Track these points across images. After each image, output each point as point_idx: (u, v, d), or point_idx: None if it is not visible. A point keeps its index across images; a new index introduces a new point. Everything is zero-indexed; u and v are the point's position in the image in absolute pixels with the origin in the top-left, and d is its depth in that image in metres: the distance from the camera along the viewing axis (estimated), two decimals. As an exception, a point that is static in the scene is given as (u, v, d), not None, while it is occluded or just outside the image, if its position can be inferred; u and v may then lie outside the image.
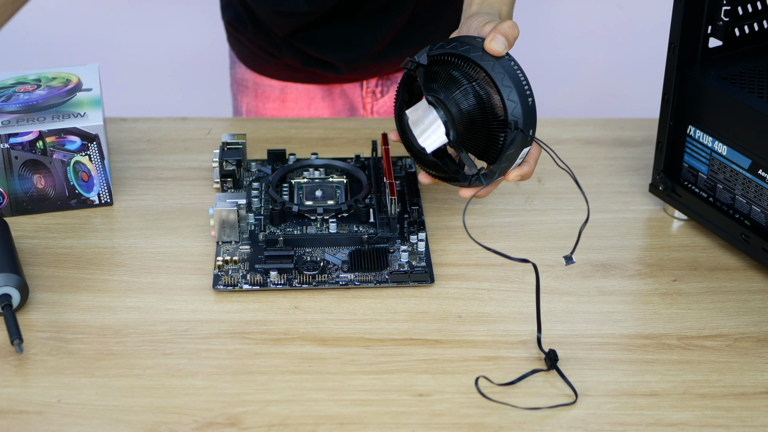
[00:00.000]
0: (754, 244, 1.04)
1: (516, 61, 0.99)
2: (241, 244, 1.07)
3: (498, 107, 0.98)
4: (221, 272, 1.03)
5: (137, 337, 0.96)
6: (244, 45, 1.41)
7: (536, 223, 1.13)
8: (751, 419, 0.89)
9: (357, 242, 1.07)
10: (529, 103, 0.98)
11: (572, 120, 1.32)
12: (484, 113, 0.98)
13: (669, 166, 1.12)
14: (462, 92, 0.98)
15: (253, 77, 1.43)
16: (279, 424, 0.87)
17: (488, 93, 0.98)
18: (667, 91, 1.10)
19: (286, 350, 0.95)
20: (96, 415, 0.88)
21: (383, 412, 0.89)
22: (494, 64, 0.98)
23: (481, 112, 0.98)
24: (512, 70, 0.98)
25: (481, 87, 0.98)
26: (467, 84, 0.98)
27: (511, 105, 0.97)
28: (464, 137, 1.00)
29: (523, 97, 0.97)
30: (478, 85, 0.98)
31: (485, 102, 0.98)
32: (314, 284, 1.02)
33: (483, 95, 0.98)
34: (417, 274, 1.03)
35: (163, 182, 1.19)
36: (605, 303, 1.02)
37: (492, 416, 0.89)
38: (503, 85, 0.97)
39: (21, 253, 1.06)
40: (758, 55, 1.10)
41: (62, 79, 1.18)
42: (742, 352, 0.96)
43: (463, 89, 0.98)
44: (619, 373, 0.94)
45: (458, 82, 0.99)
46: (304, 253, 1.06)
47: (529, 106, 0.98)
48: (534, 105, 0.99)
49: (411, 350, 0.96)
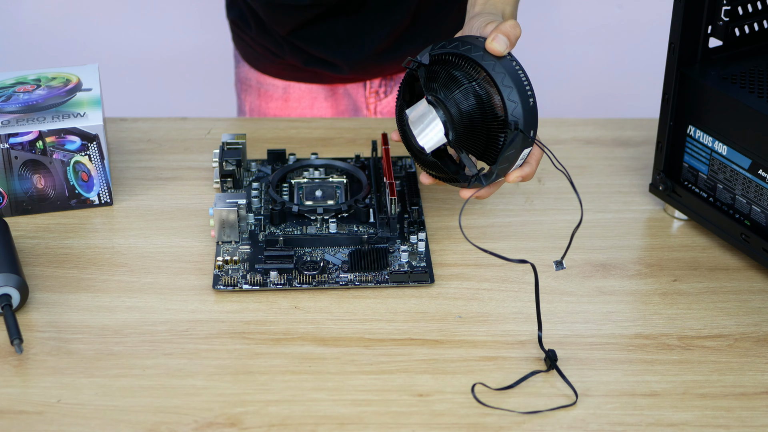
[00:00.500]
0: (754, 244, 1.04)
1: (518, 62, 0.99)
2: (241, 244, 1.07)
3: (498, 107, 0.98)
4: (221, 272, 1.03)
5: (137, 337, 0.96)
6: (248, 44, 1.42)
7: (536, 223, 1.13)
8: (751, 419, 0.89)
9: (357, 242, 1.07)
10: (530, 104, 0.98)
11: (572, 120, 1.32)
12: (483, 113, 0.98)
13: (669, 166, 1.12)
14: (462, 92, 0.98)
15: (257, 76, 1.43)
16: (279, 424, 0.87)
17: (488, 93, 0.98)
18: (667, 91, 1.10)
19: (286, 350, 0.95)
20: (96, 415, 0.88)
21: (383, 412, 0.89)
22: (495, 63, 0.97)
23: (480, 112, 0.98)
24: (513, 70, 0.98)
25: (481, 87, 0.98)
26: (467, 84, 0.98)
27: (511, 105, 0.97)
28: (464, 137, 0.99)
29: (524, 98, 0.97)
30: (479, 85, 0.98)
31: (485, 102, 0.98)
32: (314, 284, 1.02)
33: (483, 95, 0.98)
34: (417, 274, 1.03)
35: (163, 182, 1.19)
36: (605, 303, 1.02)
37: (492, 416, 0.89)
38: (504, 85, 0.97)
39: (21, 253, 1.06)
40: (758, 55, 1.10)
41: (62, 79, 1.18)
42: (742, 352, 0.96)
43: (463, 89, 0.98)
44: (619, 373, 0.94)
45: (458, 82, 0.98)
46: (304, 253, 1.06)
47: (530, 106, 0.98)
48: (535, 106, 0.99)
49: (411, 350, 0.96)
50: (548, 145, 1.26)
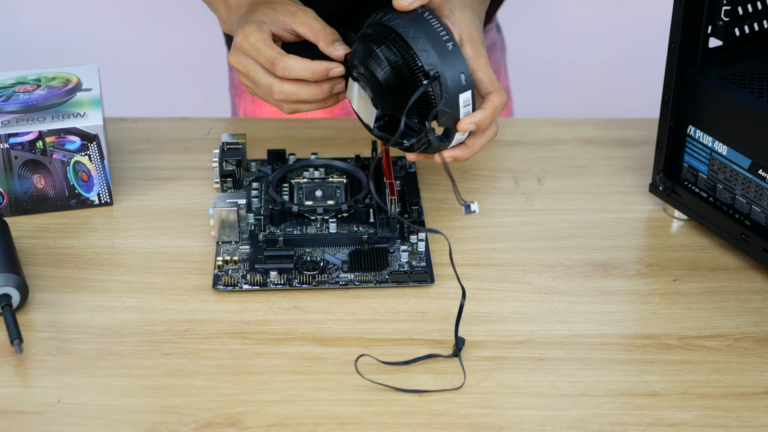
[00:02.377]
0: (754, 244, 1.04)
1: (431, 12, 0.96)
2: (241, 244, 1.07)
3: (413, 62, 0.95)
4: (221, 272, 1.03)
5: (137, 337, 0.96)
6: None
7: (536, 223, 1.13)
8: (751, 419, 0.89)
9: (357, 242, 1.07)
10: (449, 48, 0.94)
11: (572, 120, 1.32)
12: (399, 73, 0.95)
13: (669, 166, 1.12)
14: (374, 59, 0.96)
15: None
16: (279, 424, 0.87)
17: (399, 51, 0.95)
18: (667, 91, 1.10)
19: (286, 350, 0.95)
20: (96, 415, 0.88)
21: (383, 412, 0.89)
22: (402, 21, 0.94)
23: (395, 73, 0.95)
24: (422, 21, 0.94)
25: (390, 48, 0.95)
26: (377, 49, 0.96)
27: (423, 54, 0.94)
28: (395, 103, 0.97)
29: (438, 44, 0.94)
30: (387, 47, 0.96)
31: (397, 62, 0.95)
32: (314, 284, 1.02)
33: (391, 56, 0.96)
34: (417, 274, 1.03)
35: (163, 182, 1.19)
36: (605, 303, 1.02)
37: (492, 416, 0.89)
38: (411, 37, 0.94)
39: (21, 253, 1.06)
40: (758, 55, 1.10)
41: (62, 79, 1.18)
42: (742, 352, 0.96)
43: (374, 56, 0.96)
44: (619, 373, 0.94)
45: (369, 51, 0.97)
46: (304, 253, 1.06)
47: (450, 50, 0.94)
48: (456, 49, 0.94)
49: (411, 350, 0.96)
50: (548, 145, 1.26)
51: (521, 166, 1.23)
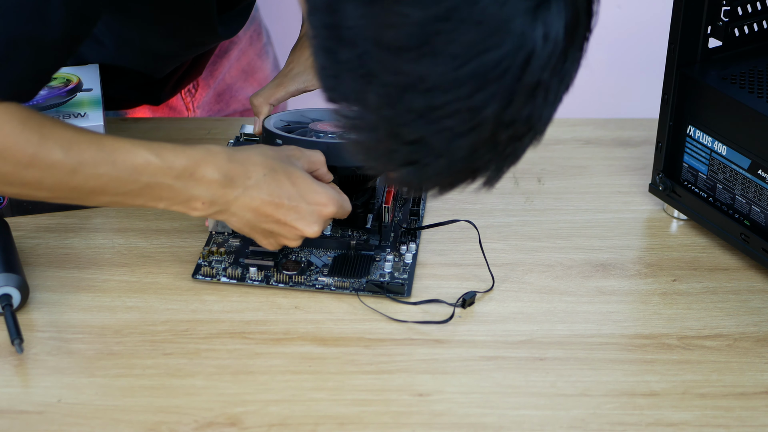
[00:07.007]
0: (753, 244, 1.04)
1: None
2: (232, 237, 1.07)
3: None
4: (205, 262, 1.03)
5: (137, 337, 0.96)
6: None
7: (536, 223, 1.13)
8: (751, 419, 0.89)
9: (345, 246, 1.06)
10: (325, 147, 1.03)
11: (572, 120, 1.32)
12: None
13: (669, 166, 1.12)
14: None
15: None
16: (279, 424, 0.88)
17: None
18: (667, 91, 1.10)
19: (286, 350, 0.95)
20: (96, 415, 0.88)
21: (383, 412, 0.89)
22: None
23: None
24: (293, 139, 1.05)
25: None
26: None
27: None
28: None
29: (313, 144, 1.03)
30: None
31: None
32: (290, 284, 1.02)
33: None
34: (393, 285, 1.01)
35: (163, 182, 1.19)
36: (605, 303, 1.02)
37: (492, 416, 0.89)
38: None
39: (21, 253, 1.06)
40: (758, 55, 1.10)
41: (62, 79, 1.18)
42: (742, 352, 0.96)
43: None
44: (618, 373, 0.94)
45: None
46: (291, 252, 1.05)
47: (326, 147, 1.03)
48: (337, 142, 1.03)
49: (411, 350, 0.96)
50: (548, 145, 1.26)
51: (521, 166, 1.21)
